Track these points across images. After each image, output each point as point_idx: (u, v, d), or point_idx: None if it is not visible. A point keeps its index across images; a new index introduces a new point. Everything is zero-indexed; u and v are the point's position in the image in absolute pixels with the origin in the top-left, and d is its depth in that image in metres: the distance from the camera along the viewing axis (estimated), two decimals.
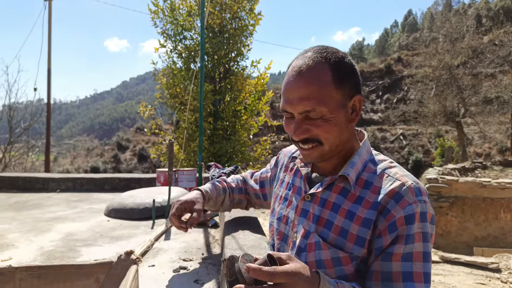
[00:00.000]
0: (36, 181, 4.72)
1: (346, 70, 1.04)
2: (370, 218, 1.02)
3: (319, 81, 1.00)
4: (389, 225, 0.99)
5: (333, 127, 1.03)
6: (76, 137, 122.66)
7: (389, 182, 1.05)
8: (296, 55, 1.11)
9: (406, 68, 38.10)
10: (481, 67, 24.74)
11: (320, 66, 1.01)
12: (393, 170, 1.08)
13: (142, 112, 9.38)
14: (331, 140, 1.05)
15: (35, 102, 17.27)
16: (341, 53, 1.06)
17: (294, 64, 1.05)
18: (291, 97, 1.02)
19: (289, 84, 1.03)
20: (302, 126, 1.04)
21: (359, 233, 1.02)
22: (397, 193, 1.01)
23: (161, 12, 8.94)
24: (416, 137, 37.66)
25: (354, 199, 1.07)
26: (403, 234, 0.98)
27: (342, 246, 1.04)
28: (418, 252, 0.98)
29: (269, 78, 9.51)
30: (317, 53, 1.04)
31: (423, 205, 1.00)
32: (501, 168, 17.32)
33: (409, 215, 0.98)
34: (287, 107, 1.04)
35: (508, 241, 9.92)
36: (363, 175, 1.09)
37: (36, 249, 2.43)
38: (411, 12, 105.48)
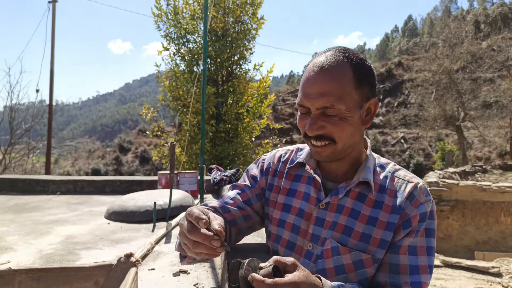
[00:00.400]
0: (36, 183, 4.72)
1: (366, 72, 1.06)
2: (393, 222, 1.05)
3: (341, 78, 1.01)
4: (403, 223, 1.04)
5: (349, 126, 1.04)
6: (78, 139, 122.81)
7: (403, 185, 1.10)
8: (316, 54, 1.12)
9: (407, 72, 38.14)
10: (480, 72, 24.82)
11: (343, 65, 1.03)
12: (401, 173, 1.13)
13: (144, 114, 9.38)
14: (344, 139, 1.05)
15: (36, 103, 17.27)
16: (361, 55, 1.09)
17: (316, 61, 1.06)
18: (311, 91, 1.03)
19: (309, 79, 1.04)
20: (318, 122, 1.04)
21: (384, 236, 1.05)
22: (411, 194, 1.07)
23: (165, 15, 8.97)
24: (417, 141, 37.71)
25: (373, 204, 1.08)
26: (414, 230, 1.04)
27: (365, 250, 1.05)
28: (422, 246, 1.04)
29: (271, 81, 9.52)
30: (339, 52, 1.05)
31: (431, 204, 1.08)
32: (501, 172, 17.33)
33: (422, 213, 1.05)
34: (305, 101, 1.04)
35: (509, 245, 9.89)
36: (376, 179, 1.12)
37: (35, 252, 2.43)
38: (411, 18, 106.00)
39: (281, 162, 1.30)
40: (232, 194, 1.29)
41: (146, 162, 41.89)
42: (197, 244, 0.92)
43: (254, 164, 1.37)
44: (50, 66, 14.72)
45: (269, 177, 1.29)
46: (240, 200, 1.27)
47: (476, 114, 23.04)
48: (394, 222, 1.04)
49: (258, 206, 1.29)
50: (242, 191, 1.30)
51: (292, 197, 1.21)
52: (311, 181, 1.18)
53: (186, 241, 0.94)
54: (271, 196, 1.26)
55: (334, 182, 1.16)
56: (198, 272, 2.09)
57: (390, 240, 1.04)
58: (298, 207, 1.18)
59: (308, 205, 1.15)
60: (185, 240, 0.95)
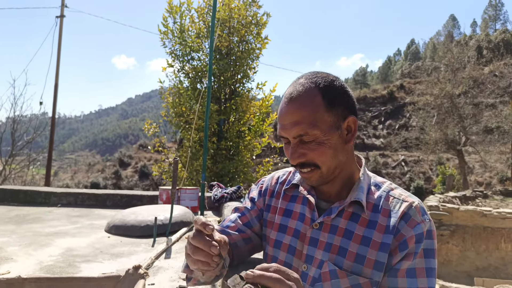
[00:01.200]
0: (38, 195, 4.73)
1: (336, 93, 1.06)
2: (387, 243, 1.03)
3: (309, 105, 1.03)
4: (399, 244, 1.02)
5: (328, 149, 1.04)
6: (78, 152, 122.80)
7: (397, 204, 1.08)
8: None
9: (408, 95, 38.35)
10: (481, 97, 24.92)
11: (310, 91, 1.04)
12: (397, 192, 1.11)
13: (147, 130, 9.44)
14: (327, 162, 1.06)
15: (39, 115, 17.39)
16: (331, 76, 1.09)
17: (286, 92, 1.09)
18: (285, 122, 1.05)
19: (282, 110, 1.07)
20: (298, 151, 1.06)
21: (378, 257, 1.03)
22: (406, 213, 1.05)
23: (171, 33, 9.13)
24: (418, 164, 37.65)
25: (366, 224, 1.07)
26: (412, 252, 1.01)
27: (360, 272, 1.04)
28: (421, 268, 1.01)
29: (273, 100, 9.61)
30: (307, 79, 1.07)
31: (428, 223, 1.05)
32: (502, 197, 17.23)
33: (418, 234, 1.02)
34: (282, 132, 1.07)
35: (509, 272, 9.77)
36: (370, 198, 1.10)
37: (35, 264, 2.42)
38: (413, 42, 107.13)
39: (279, 183, 1.31)
40: (233, 217, 1.30)
41: (146, 177, 41.80)
42: (197, 250, 0.92)
43: (255, 185, 1.39)
44: (55, 80, 14.86)
45: (266, 198, 1.30)
46: (240, 223, 1.28)
47: (477, 139, 23.04)
48: (389, 243, 1.02)
49: (258, 228, 1.29)
50: (242, 214, 1.30)
51: (288, 217, 1.20)
52: (306, 201, 1.18)
53: (189, 247, 0.95)
54: (269, 217, 1.26)
55: (328, 202, 1.15)
56: None
57: (385, 261, 1.02)
58: (293, 227, 1.17)
59: (303, 225, 1.15)
60: (188, 246, 0.95)
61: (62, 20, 15.09)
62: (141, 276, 1.02)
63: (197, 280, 1.13)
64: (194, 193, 4.48)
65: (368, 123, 46.48)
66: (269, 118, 9.36)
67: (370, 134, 44.80)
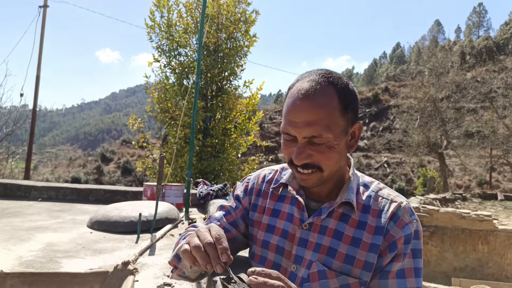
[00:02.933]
0: (17, 189, 4.61)
1: (351, 97, 1.04)
2: (377, 243, 1.03)
3: (327, 106, 0.99)
4: (389, 245, 1.02)
5: (336, 154, 1.02)
6: (59, 146, 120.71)
7: (386, 205, 1.08)
8: (298, 76, 1.09)
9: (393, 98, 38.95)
10: (463, 102, 25.47)
11: (328, 91, 1.00)
12: (385, 192, 1.11)
13: (131, 125, 9.31)
14: (331, 167, 1.04)
15: (19, 108, 16.97)
16: (345, 79, 1.06)
17: (301, 87, 1.02)
18: (297, 120, 1.00)
19: (295, 106, 1.00)
20: (305, 151, 1.01)
21: (367, 258, 1.03)
22: (395, 214, 1.05)
23: (158, 27, 9.01)
24: (400, 166, 38.20)
25: (356, 225, 1.06)
26: (401, 253, 1.02)
27: (349, 272, 1.03)
28: (410, 268, 1.02)
29: (260, 98, 9.59)
30: (323, 77, 1.03)
31: (416, 223, 1.06)
32: (480, 200, 17.65)
33: (407, 234, 1.03)
34: (291, 130, 1.02)
35: (485, 273, 10.01)
36: (359, 199, 1.10)
37: (14, 259, 2.36)
38: (399, 45, 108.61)
39: (266, 182, 1.27)
40: (219, 215, 1.27)
41: (128, 173, 41.32)
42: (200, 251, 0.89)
43: (240, 183, 1.35)
44: (37, 71, 14.52)
45: (252, 197, 1.27)
46: (225, 222, 1.25)
47: (458, 143, 23.54)
48: (378, 243, 1.03)
49: (243, 228, 1.27)
50: (228, 212, 1.28)
51: (276, 217, 1.18)
52: (294, 201, 1.16)
53: (194, 248, 0.90)
54: (256, 217, 1.24)
55: (318, 202, 1.14)
56: (182, 286, 2.06)
57: (374, 262, 1.02)
58: (281, 228, 1.15)
59: (291, 225, 1.13)
60: (192, 245, 0.90)
61: (45, 11, 14.76)
62: (130, 272, 0.99)
63: (182, 272, 1.13)
64: (179, 189, 4.44)
65: None
66: (255, 117, 9.35)
67: None
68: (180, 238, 1.23)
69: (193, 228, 1.25)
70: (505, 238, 10.07)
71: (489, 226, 10.18)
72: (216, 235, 0.91)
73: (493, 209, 14.80)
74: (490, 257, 10.12)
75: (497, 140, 22.40)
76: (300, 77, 1.08)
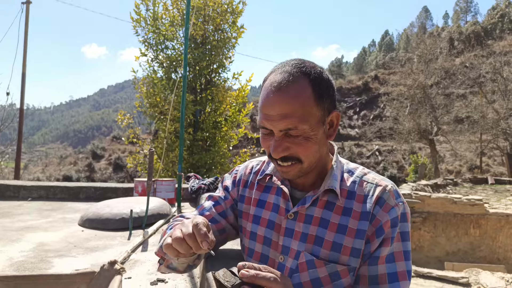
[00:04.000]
0: (6, 189, 4.55)
1: (325, 86, 1.01)
2: (363, 229, 1.02)
3: (301, 98, 0.97)
4: (376, 230, 1.02)
5: (313, 145, 1.01)
6: (49, 144, 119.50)
7: (371, 189, 1.06)
8: (272, 69, 1.06)
9: (383, 86, 39.08)
10: (453, 87, 25.68)
11: (301, 82, 0.98)
12: (370, 176, 1.10)
13: (120, 121, 9.22)
14: (310, 157, 1.02)
15: (6, 107, 16.72)
16: (318, 67, 1.04)
17: (273, 79, 1.00)
18: (271, 113, 0.98)
19: (268, 100, 0.99)
20: (283, 144, 1.00)
21: (355, 245, 1.02)
22: (380, 198, 1.04)
23: (143, 21, 8.90)
24: (391, 153, 38.47)
25: (341, 211, 1.05)
26: (389, 237, 1.01)
27: (337, 260, 1.03)
28: (399, 251, 1.02)
29: (249, 90, 9.55)
30: (296, 67, 1.00)
31: (402, 206, 1.04)
32: (471, 185, 17.83)
33: (393, 218, 1.02)
34: (266, 123, 1.00)
35: (477, 256, 10.15)
36: (344, 185, 1.09)
37: (5, 260, 2.33)
38: (388, 33, 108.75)
39: (253, 173, 1.27)
40: (208, 205, 1.27)
41: (120, 169, 41.06)
42: (181, 242, 0.89)
43: (229, 174, 1.35)
44: (22, 69, 14.28)
45: (240, 188, 1.27)
46: (215, 213, 1.25)
47: (448, 129, 23.75)
48: (365, 229, 1.02)
49: (232, 218, 1.26)
50: (217, 203, 1.27)
51: (262, 208, 1.18)
52: (280, 192, 1.16)
53: (174, 240, 0.90)
54: (244, 208, 1.24)
55: (302, 191, 1.13)
56: (176, 281, 2.05)
57: (362, 248, 1.01)
58: (267, 218, 1.15)
59: (277, 216, 1.13)
60: (174, 237, 0.91)
61: (28, 7, 14.48)
62: (117, 271, 0.97)
63: (169, 263, 1.12)
64: (171, 184, 4.41)
65: (343, 113, 47.05)
66: (246, 109, 9.31)
67: (345, 125, 45.40)
68: (167, 229, 1.21)
69: (180, 219, 1.24)
70: (496, 221, 10.20)
71: (480, 210, 10.30)
72: (195, 223, 0.89)
73: (484, 193, 14.97)
74: (482, 240, 10.26)
75: (486, 125, 22.63)
76: (273, 68, 1.05)
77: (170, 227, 1.20)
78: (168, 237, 0.94)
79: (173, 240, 0.90)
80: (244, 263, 0.81)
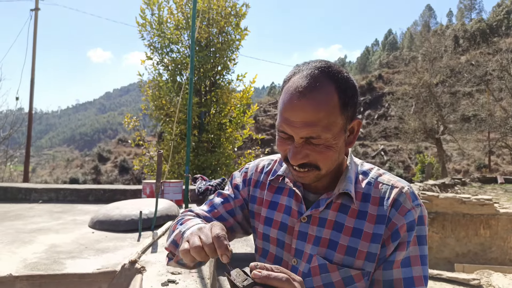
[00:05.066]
0: (18, 191, 4.62)
1: (351, 94, 0.98)
2: (379, 233, 1.00)
3: (327, 106, 0.93)
4: (392, 234, 0.99)
5: (334, 153, 0.98)
6: (56, 147, 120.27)
7: (387, 191, 1.03)
8: (293, 68, 1.02)
9: (387, 85, 38.90)
10: (459, 86, 25.46)
11: (327, 89, 0.94)
12: (385, 178, 1.07)
13: (126, 123, 9.30)
14: (328, 165, 1.00)
15: (15, 111, 16.89)
16: (345, 72, 1.00)
17: (298, 83, 0.95)
18: (294, 119, 0.94)
19: (291, 105, 0.94)
20: (302, 151, 0.96)
21: (370, 249, 1.00)
22: (396, 200, 1.01)
23: (149, 25, 8.98)
24: (397, 153, 38.32)
25: (356, 215, 1.03)
26: (404, 241, 0.98)
27: (351, 264, 1.01)
28: (416, 256, 0.99)
29: (253, 91, 9.59)
30: (322, 71, 0.96)
31: (419, 209, 1.01)
32: (480, 184, 17.66)
33: (410, 221, 0.99)
34: (287, 129, 0.96)
35: (488, 258, 10.04)
36: (358, 187, 1.06)
37: (19, 261, 2.37)
38: (391, 32, 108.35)
39: (264, 173, 1.25)
40: (217, 202, 1.26)
41: (126, 171, 41.24)
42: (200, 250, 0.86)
43: (238, 172, 1.32)
44: (31, 75, 14.44)
45: (251, 188, 1.25)
46: (223, 210, 1.23)
47: (455, 127, 23.54)
48: (380, 233, 0.99)
49: (240, 217, 1.25)
50: (226, 200, 1.25)
51: (274, 210, 1.16)
52: (292, 193, 1.13)
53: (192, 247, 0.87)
54: (256, 209, 1.22)
55: (316, 194, 1.11)
56: (187, 282, 2.08)
57: (377, 252, 0.99)
58: (280, 220, 1.13)
59: (290, 218, 1.11)
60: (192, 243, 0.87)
61: (37, 14, 14.65)
62: (138, 270, 1.01)
63: (179, 259, 1.10)
64: (178, 186, 4.45)
65: None
66: (250, 110, 9.36)
67: None
68: (177, 223, 1.18)
69: (189, 213, 1.23)
70: (507, 221, 10.05)
71: (490, 210, 10.16)
72: (216, 235, 0.86)
73: (493, 193, 14.80)
74: (493, 241, 10.12)
75: (494, 123, 22.39)
76: (296, 69, 1.01)
77: (180, 222, 1.17)
78: (185, 242, 0.91)
79: (192, 248, 0.87)
80: (256, 264, 0.80)
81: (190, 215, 1.23)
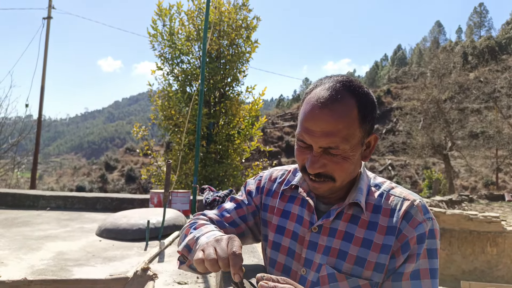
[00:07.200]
0: (26, 198, 4.65)
1: (370, 108, 1.02)
2: (389, 244, 1.01)
3: (347, 118, 0.96)
4: (402, 246, 1.00)
5: (350, 165, 1.01)
6: (64, 155, 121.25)
7: (398, 203, 1.05)
8: (315, 82, 1.07)
9: (395, 100, 38.95)
10: (467, 102, 25.43)
11: (348, 101, 0.98)
12: (397, 190, 1.09)
13: (135, 133, 9.37)
14: (344, 177, 1.03)
15: (24, 118, 17.07)
16: (365, 87, 1.04)
17: (320, 95, 0.99)
18: (314, 129, 0.97)
19: (313, 115, 0.98)
20: (320, 161, 1.00)
21: (379, 260, 1.01)
22: (408, 212, 1.02)
23: (160, 36, 9.10)
24: (404, 168, 38.11)
25: (366, 226, 1.05)
26: (414, 253, 0.99)
27: (360, 274, 1.02)
28: (425, 269, 0.99)
29: (262, 104, 9.63)
30: (344, 85, 1.00)
31: (431, 222, 1.02)
32: (487, 201, 17.49)
33: (420, 234, 1.00)
34: (307, 138, 0.99)
35: (494, 276, 9.91)
36: (370, 199, 1.08)
37: (27, 268, 2.38)
38: (400, 47, 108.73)
39: (277, 183, 1.27)
40: (230, 207, 1.28)
41: (132, 181, 41.42)
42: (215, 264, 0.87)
43: (253, 179, 1.35)
44: (41, 82, 14.65)
45: (263, 197, 1.27)
46: (236, 216, 1.25)
47: (463, 144, 23.46)
48: (390, 244, 1.01)
49: (252, 223, 1.27)
50: (239, 206, 1.28)
51: (286, 219, 1.18)
52: (305, 203, 1.15)
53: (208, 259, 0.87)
54: (267, 217, 1.24)
55: (327, 204, 1.13)
56: None
57: (386, 263, 1.00)
58: (292, 229, 1.15)
59: (301, 228, 1.13)
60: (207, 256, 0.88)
61: (49, 22, 14.91)
62: (150, 277, 1.01)
63: (191, 263, 1.12)
64: (186, 196, 4.46)
65: None
66: (259, 122, 9.38)
67: None
68: (190, 226, 1.20)
69: (202, 217, 1.25)
70: None
71: (497, 228, 10.06)
72: (232, 252, 0.86)
73: (500, 210, 14.67)
74: (500, 259, 10.00)
75: (502, 140, 22.30)
76: (318, 82, 1.05)
77: (194, 226, 1.19)
78: (200, 251, 0.92)
79: (206, 260, 0.88)
80: (263, 275, 0.80)
81: (203, 219, 1.25)
